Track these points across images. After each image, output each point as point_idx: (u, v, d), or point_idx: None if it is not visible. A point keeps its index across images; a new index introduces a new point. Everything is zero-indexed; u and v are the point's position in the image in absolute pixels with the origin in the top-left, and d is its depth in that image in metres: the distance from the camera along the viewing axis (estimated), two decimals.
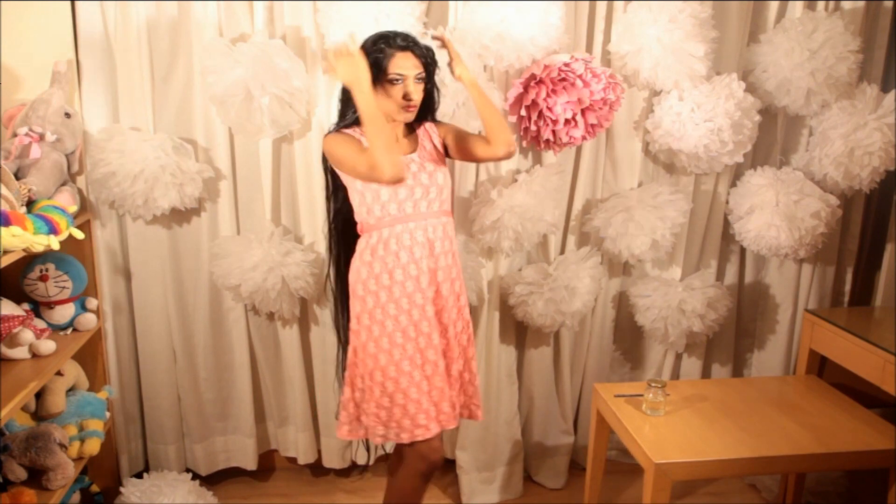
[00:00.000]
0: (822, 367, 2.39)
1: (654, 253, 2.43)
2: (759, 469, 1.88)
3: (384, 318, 1.80)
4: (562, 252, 2.53)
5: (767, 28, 2.38)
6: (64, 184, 2.08)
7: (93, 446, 2.11)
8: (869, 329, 2.21)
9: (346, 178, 1.84)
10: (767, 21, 2.39)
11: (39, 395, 2.09)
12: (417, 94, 1.77)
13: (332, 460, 2.60)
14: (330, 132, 1.84)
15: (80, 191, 2.20)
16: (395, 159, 1.65)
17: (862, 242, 2.60)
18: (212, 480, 2.59)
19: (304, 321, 2.49)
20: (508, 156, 1.89)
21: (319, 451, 2.61)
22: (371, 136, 1.65)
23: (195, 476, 2.47)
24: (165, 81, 2.24)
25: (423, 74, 1.78)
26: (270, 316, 2.47)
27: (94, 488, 2.35)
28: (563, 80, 2.12)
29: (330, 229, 2.01)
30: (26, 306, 2.05)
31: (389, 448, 2.37)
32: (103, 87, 2.22)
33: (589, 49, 2.33)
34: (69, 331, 2.17)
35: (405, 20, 2.04)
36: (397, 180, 1.67)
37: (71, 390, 2.21)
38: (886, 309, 2.40)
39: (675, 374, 2.71)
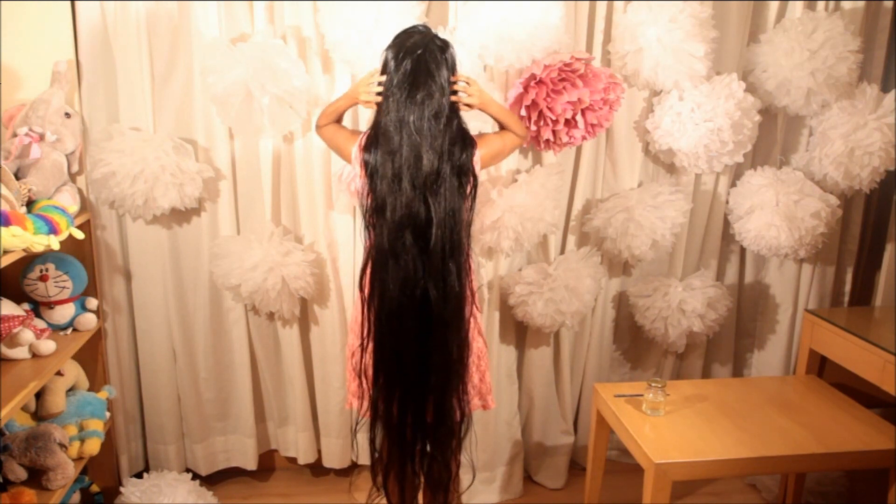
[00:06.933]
0: (822, 367, 2.39)
1: (654, 253, 2.43)
2: (759, 469, 1.88)
3: None
4: (562, 252, 2.53)
5: (767, 28, 2.38)
6: (64, 184, 2.08)
7: (93, 446, 2.11)
8: (869, 329, 2.21)
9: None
10: (767, 21, 2.39)
11: (39, 395, 2.09)
12: None
13: (332, 460, 2.60)
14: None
15: (80, 191, 2.20)
16: None
17: (862, 242, 2.60)
18: (212, 480, 2.59)
19: (304, 321, 2.49)
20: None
21: (319, 451, 2.61)
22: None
23: (195, 476, 2.47)
24: (165, 81, 2.24)
25: None
26: (270, 316, 2.47)
27: (94, 488, 2.35)
28: (563, 80, 2.12)
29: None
30: (26, 306, 2.05)
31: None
32: (103, 87, 2.22)
33: (589, 49, 2.33)
34: (69, 331, 2.17)
35: (405, 20, 2.04)
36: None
37: (71, 390, 2.21)
38: (886, 309, 2.40)
39: (675, 374, 2.72)
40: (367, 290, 1.80)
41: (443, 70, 1.73)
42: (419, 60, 1.70)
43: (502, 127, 1.96)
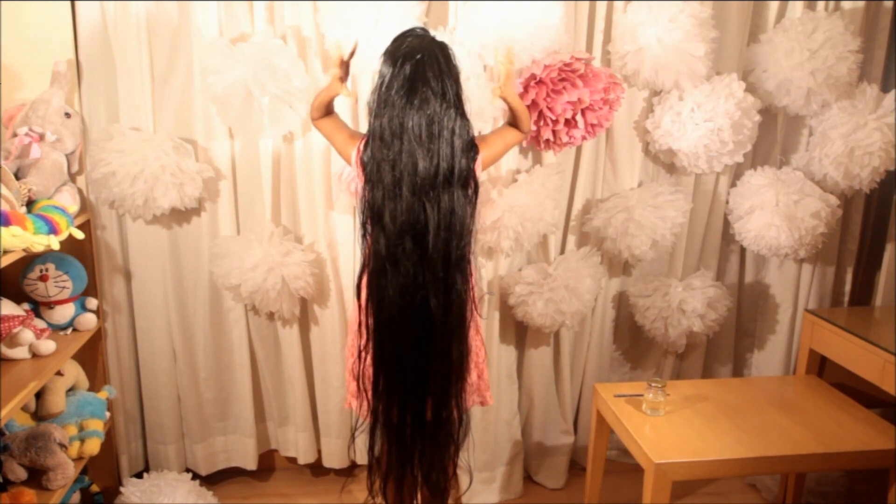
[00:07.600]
0: (822, 367, 2.39)
1: (654, 253, 2.43)
2: (759, 469, 1.88)
3: None
4: (562, 252, 2.53)
5: (767, 28, 2.38)
6: (64, 184, 2.08)
7: (93, 446, 2.11)
8: (869, 329, 2.21)
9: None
10: (767, 21, 2.39)
11: (39, 395, 2.09)
12: None
13: (332, 460, 2.60)
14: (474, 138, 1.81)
15: (80, 191, 2.20)
16: None
17: (862, 242, 2.60)
18: (212, 480, 2.59)
19: (304, 321, 2.49)
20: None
21: (319, 451, 2.61)
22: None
23: (195, 476, 2.47)
24: (165, 81, 2.24)
25: None
26: (270, 316, 2.47)
27: (94, 488, 2.35)
28: (563, 80, 2.12)
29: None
30: (26, 306, 2.05)
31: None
32: (103, 87, 2.22)
33: (589, 49, 2.33)
34: (69, 331, 2.17)
35: (405, 20, 2.04)
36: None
37: (71, 390, 2.21)
38: (886, 309, 2.40)
39: (675, 374, 2.71)
40: (364, 297, 1.79)
41: (444, 74, 1.70)
42: (418, 65, 1.67)
43: (512, 121, 1.92)
